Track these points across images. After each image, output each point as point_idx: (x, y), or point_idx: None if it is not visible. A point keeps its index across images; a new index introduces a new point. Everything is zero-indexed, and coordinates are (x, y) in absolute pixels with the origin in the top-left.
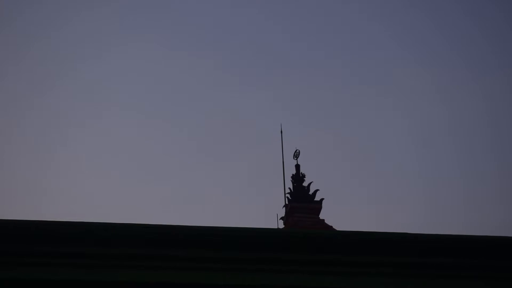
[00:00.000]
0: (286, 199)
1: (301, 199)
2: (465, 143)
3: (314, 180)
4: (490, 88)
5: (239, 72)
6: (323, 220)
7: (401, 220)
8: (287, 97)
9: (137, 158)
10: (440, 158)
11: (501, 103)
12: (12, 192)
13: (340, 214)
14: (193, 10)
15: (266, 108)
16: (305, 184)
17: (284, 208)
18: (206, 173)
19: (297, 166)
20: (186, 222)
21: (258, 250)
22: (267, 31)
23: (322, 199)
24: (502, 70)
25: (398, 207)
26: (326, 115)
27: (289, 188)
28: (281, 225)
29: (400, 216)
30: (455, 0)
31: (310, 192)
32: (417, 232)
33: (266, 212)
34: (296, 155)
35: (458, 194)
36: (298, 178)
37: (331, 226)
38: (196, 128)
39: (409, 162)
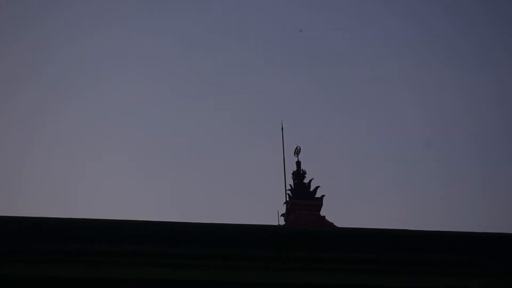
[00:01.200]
0: (287, 195)
1: (302, 196)
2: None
3: (315, 177)
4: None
5: (239, 71)
6: (324, 217)
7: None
8: (288, 94)
9: (137, 156)
10: (440, 156)
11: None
12: (12, 191)
13: (341, 211)
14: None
15: (266, 105)
16: (306, 181)
17: (285, 205)
18: (207, 170)
19: (298, 163)
20: (187, 219)
21: (259, 247)
22: (266, 29)
23: (323, 196)
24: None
25: (399, 204)
26: (327, 113)
27: (290, 185)
28: (282, 221)
29: (401, 213)
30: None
31: (311, 189)
32: (417, 229)
33: (267, 208)
34: (297, 152)
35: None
36: (299, 174)
37: (332, 223)
38: (197, 125)
39: (409, 160)
